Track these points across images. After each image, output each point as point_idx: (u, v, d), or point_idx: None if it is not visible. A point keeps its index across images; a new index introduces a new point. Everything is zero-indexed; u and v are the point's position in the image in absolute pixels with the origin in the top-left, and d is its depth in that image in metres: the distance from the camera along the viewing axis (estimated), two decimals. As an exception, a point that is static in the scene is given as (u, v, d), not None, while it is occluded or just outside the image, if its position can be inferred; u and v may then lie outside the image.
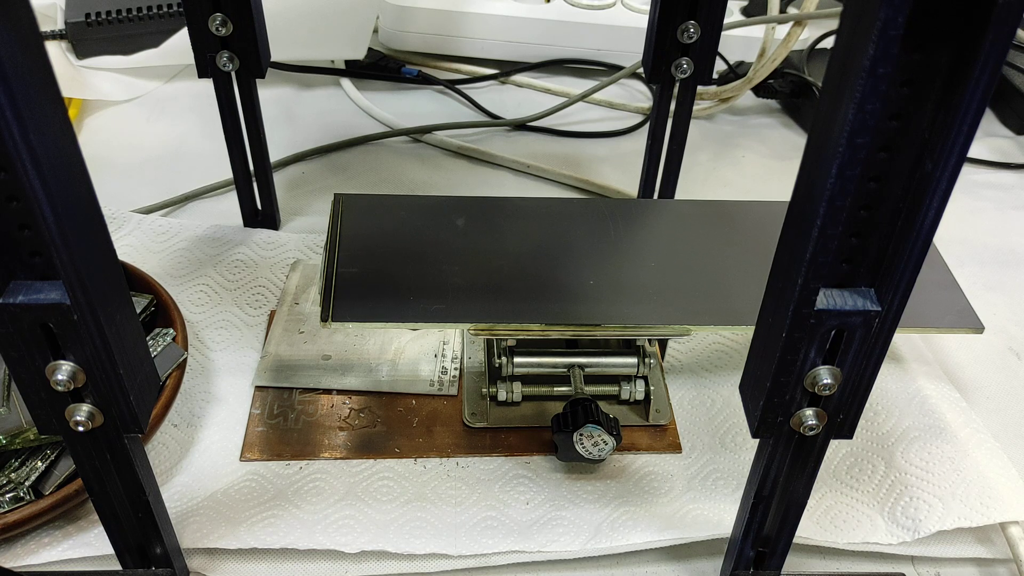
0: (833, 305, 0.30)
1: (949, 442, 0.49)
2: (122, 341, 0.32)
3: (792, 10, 0.80)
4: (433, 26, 0.80)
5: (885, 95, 0.26)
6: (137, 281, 0.53)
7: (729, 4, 0.77)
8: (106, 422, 0.33)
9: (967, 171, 0.73)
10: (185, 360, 0.49)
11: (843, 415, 0.34)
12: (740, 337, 0.56)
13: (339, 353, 0.54)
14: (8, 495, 0.43)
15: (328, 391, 0.52)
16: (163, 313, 0.52)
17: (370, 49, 0.79)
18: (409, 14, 0.79)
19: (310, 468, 0.48)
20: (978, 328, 0.47)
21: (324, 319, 0.44)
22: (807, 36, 0.82)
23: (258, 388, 0.52)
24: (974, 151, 0.74)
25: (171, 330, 0.50)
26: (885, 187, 0.28)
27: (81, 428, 0.33)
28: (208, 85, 0.55)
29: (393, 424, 0.50)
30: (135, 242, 0.60)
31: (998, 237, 0.67)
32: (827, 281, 0.31)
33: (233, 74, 0.55)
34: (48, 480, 0.44)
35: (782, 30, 0.73)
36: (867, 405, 0.34)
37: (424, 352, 0.54)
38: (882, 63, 0.25)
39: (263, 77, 0.55)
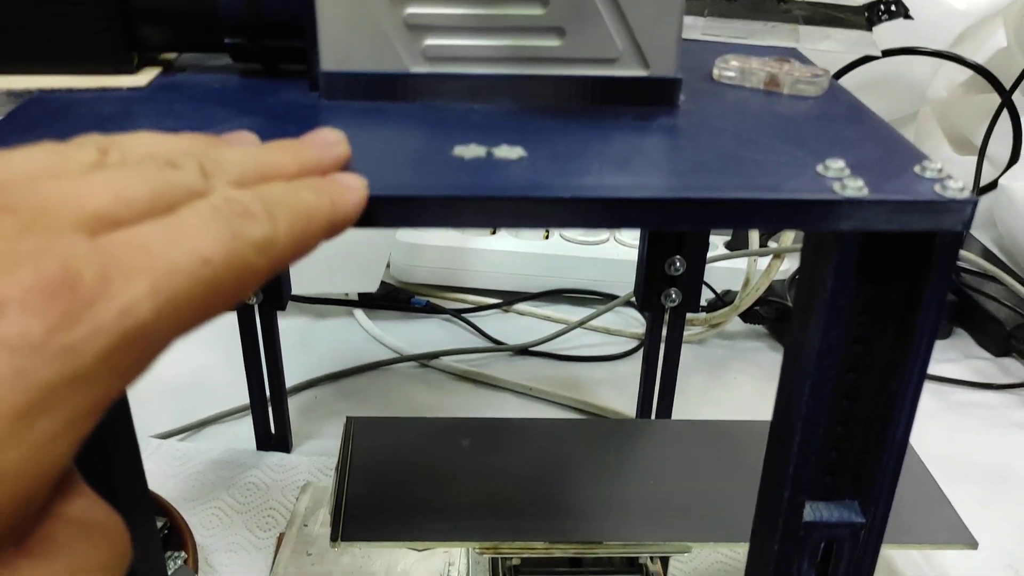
0: (820, 517, 0.32)
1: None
2: (142, 554, 0.34)
3: (772, 244, 0.86)
4: (441, 260, 0.86)
5: (848, 322, 0.29)
6: (152, 504, 0.54)
7: (713, 238, 0.83)
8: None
9: (952, 391, 0.76)
10: (195, 583, 0.50)
11: (842, 628, 0.35)
12: (741, 554, 0.57)
13: None
14: None
15: (334, 614, 0.52)
16: (175, 536, 0.53)
17: (382, 282, 0.84)
18: (419, 250, 0.85)
19: None
20: (971, 544, 0.48)
21: (334, 539, 0.45)
22: (787, 267, 0.87)
23: (264, 612, 0.52)
24: (957, 372, 0.77)
25: (183, 553, 0.51)
26: (856, 404, 0.31)
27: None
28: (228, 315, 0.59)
29: (398, 648, 0.50)
30: (153, 467, 0.62)
31: (987, 455, 0.69)
32: (812, 494, 0.33)
33: (256, 307, 0.59)
34: None
35: (764, 261, 0.78)
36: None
37: (430, 574, 0.55)
38: (841, 296, 0.29)
39: (284, 310, 0.59)
